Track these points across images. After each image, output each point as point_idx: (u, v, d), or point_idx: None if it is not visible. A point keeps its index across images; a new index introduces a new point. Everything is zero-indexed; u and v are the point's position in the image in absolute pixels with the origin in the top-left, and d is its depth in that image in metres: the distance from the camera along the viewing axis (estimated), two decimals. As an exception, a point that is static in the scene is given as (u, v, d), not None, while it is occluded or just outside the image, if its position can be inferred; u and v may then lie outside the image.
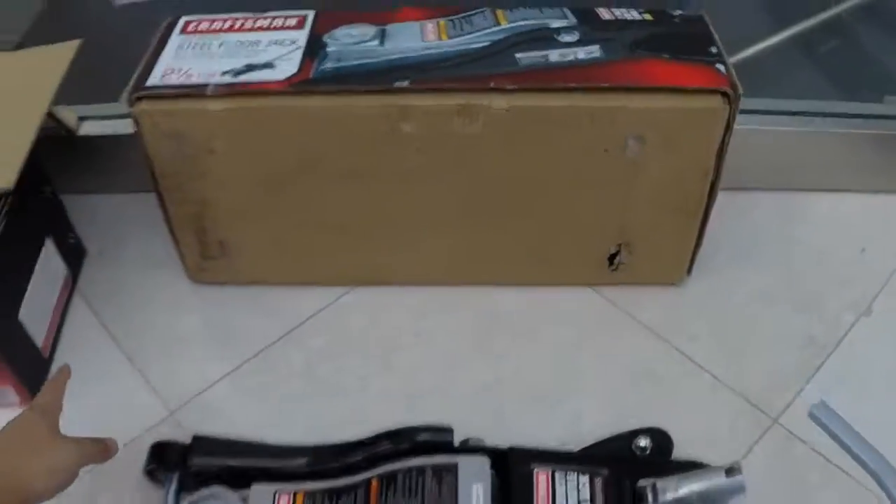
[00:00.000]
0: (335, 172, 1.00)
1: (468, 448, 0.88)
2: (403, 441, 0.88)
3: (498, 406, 1.02)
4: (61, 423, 0.82)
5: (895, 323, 1.11)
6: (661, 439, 0.94)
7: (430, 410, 0.98)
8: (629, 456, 0.92)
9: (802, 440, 1.00)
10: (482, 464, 0.85)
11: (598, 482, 0.86)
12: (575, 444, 0.96)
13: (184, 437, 0.93)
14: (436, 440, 0.88)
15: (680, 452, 0.95)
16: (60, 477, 0.77)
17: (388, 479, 0.86)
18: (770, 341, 1.09)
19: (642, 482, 0.85)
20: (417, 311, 1.11)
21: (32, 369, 1.04)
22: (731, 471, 0.82)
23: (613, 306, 1.11)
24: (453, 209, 1.04)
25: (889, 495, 0.81)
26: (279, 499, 0.88)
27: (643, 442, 0.92)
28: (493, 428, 0.95)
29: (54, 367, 1.07)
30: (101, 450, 0.83)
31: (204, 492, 0.88)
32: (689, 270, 1.11)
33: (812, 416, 0.90)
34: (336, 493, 0.88)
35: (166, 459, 0.94)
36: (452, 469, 0.85)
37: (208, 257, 1.10)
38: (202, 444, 0.93)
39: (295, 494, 0.89)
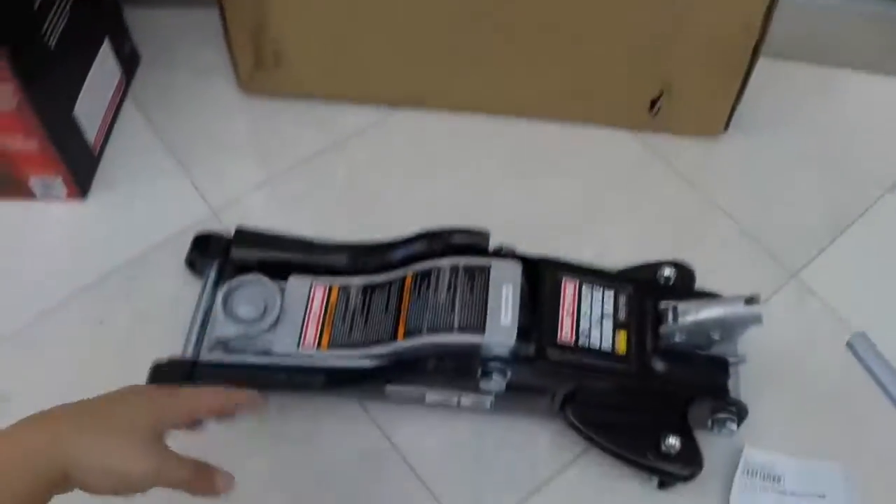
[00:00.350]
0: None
1: (501, 253, 0.90)
2: (440, 241, 0.91)
3: (527, 230, 1.03)
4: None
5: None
6: (685, 272, 0.97)
7: (463, 223, 1.01)
8: (654, 282, 0.95)
9: (818, 296, 1.03)
10: (514, 267, 0.88)
11: (623, 298, 0.90)
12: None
13: (226, 234, 0.96)
14: (471, 242, 0.90)
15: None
16: (116, 482, 0.62)
17: (422, 276, 0.89)
18: (798, 200, 1.12)
19: (664, 304, 0.88)
20: (459, 135, 1.13)
21: (82, 164, 1.08)
22: (750, 300, 0.85)
23: (650, 151, 1.13)
24: (503, 35, 1.06)
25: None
26: (314, 290, 0.93)
27: (668, 272, 0.95)
28: (523, 248, 0.98)
29: (103, 165, 1.10)
30: (201, 480, 0.66)
31: (244, 278, 0.91)
32: (727, 126, 1.13)
33: (850, 345, 0.93)
34: (371, 288, 0.92)
35: (209, 250, 0.97)
36: (485, 270, 0.88)
37: (262, 67, 1.12)
38: (244, 236, 0.95)
39: (330, 288, 0.93)
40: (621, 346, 0.87)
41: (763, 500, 0.92)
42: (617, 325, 0.88)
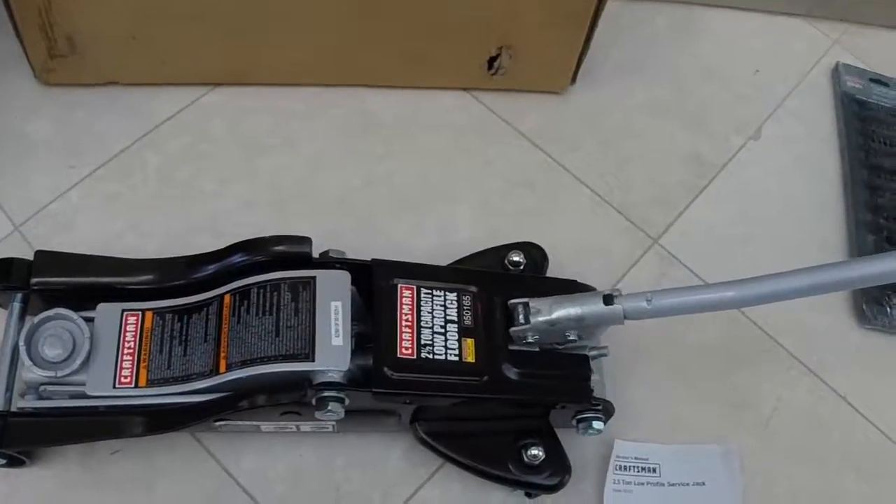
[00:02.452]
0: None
1: (328, 261, 0.76)
2: (257, 253, 0.77)
3: (367, 212, 0.92)
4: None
5: (783, 149, 1.03)
6: (536, 254, 0.84)
7: (295, 216, 0.90)
8: (501, 271, 0.82)
9: (683, 263, 0.92)
10: (343, 278, 0.76)
11: (467, 300, 0.77)
12: (447, 254, 0.87)
13: (30, 254, 0.80)
14: (292, 252, 0.76)
15: (558, 269, 0.87)
16: None
17: (242, 295, 0.76)
18: (655, 157, 1.00)
19: (514, 301, 0.75)
20: (284, 112, 0.98)
21: None
22: (608, 298, 0.72)
23: (492, 113, 0.99)
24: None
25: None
26: (126, 319, 0.78)
27: (516, 257, 0.83)
28: (361, 236, 0.88)
29: None
30: None
31: (45, 314, 0.76)
32: (574, 79, 1.00)
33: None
34: (187, 310, 0.78)
35: (10, 278, 0.80)
36: (310, 284, 0.75)
37: (56, 55, 0.94)
38: (46, 260, 0.80)
39: (143, 314, 0.78)
40: (469, 355, 0.75)
41: (640, 495, 0.82)
42: (463, 332, 0.75)
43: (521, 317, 0.75)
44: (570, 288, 0.79)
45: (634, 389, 0.85)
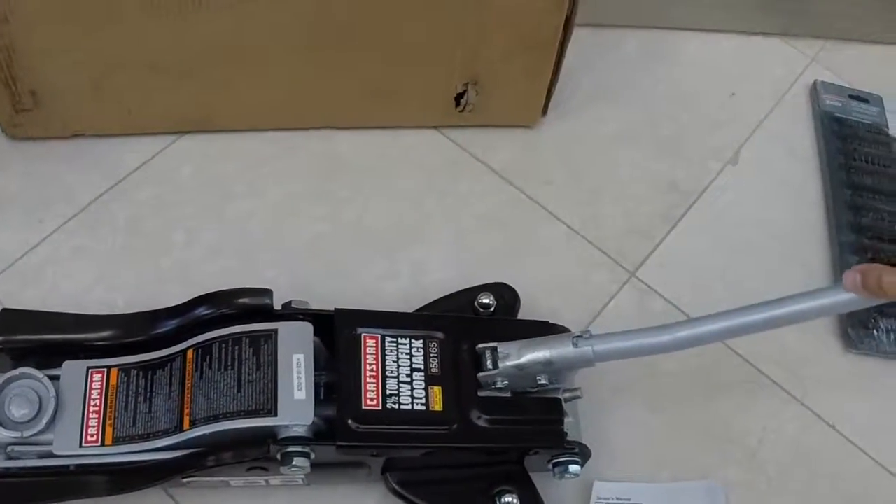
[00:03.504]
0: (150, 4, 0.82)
1: (290, 312, 0.73)
2: (218, 307, 0.75)
3: (337, 257, 0.90)
4: None
5: (762, 172, 1.00)
6: (507, 295, 0.81)
7: (264, 263, 0.88)
8: (471, 315, 0.79)
9: (661, 294, 0.89)
10: (304, 330, 0.73)
11: (434, 347, 0.75)
12: (419, 297, 0.85)
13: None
14: (253, 305, 0.74)
15: (533, 307, 0.84)
16: None
17: (204, 350, 0.74)
18: (630, 188, 0.97)
19: (481, 346, 0.73)
20: (251, 157, 0.96)
21: None
22: (578, 339, 0.70)
23: (462, 150, 0.97)
24: (284, 42, 0.88)
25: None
26: (92, 376, 0.76)
27: (486, 299, 0.80)
28: (332, 281, 0.86)
29: None
30: None
31: (9, 374, 0.74)
32: (545, 111, 0.97)
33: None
34: (152, 366, 0.76)
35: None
36: (271, 336, 0.73)
37: (21, 110, 0.92)
38: (11, 318, 0.78)
39: (109, 370, 0.76)
40: (436, 404, 0.72)
41: (621, 537, 0.78)
42: (429, 380, 0.73)
43: (489, 362, 0.73)
44: (541, 329, 0.77)
45: (613, 427, 0.83)
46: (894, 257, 0.92)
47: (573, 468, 0.75)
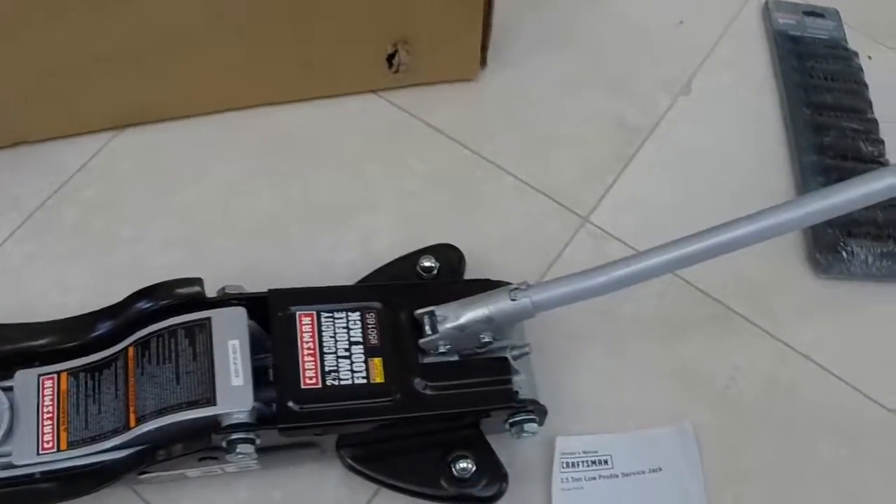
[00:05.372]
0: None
1: (225, 298, 0.71)
2: (149, 301, 0.73)
3: (285, 235, 0.87)
4: None
5: (716, 100, 0.95)
6: (450, 256, 0.79)
7: (213, 249, 0.86)
8: (415, 280, 0.77)
9: (616, 237, 0.86)
10: (238, 315, 0.71)
11: (371, 317, 0.72)
12: (368, 267, 0.83)
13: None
14: (184, 295, 0.72)
15: (487, 264, 0.81)
16: None
17: (143, 346, 0.72)
18: (578, 131, 0.94)
19: (419, 311, 0.70)
20: (194, 143, 0.93)
21: None
22: (515, 292, 0.67)
23: (403, 112, 0.94)
24: (211, 23, 0.85)
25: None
26: (44, 383, 0.75)
27: (427, 262, 0.78)
28: (281, 260, 0.84)
29: None
30: None
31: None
32: (484, 63, 0.93)
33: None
34: (98, 367, 0.74)
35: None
36: (205, 325, 0.71)
37: (-42, 118, 0.90)
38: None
39: (59, 375, 0.75)
40: (377, 375, 0.70)
41: (592, 491, 0.76)
42: (369, 352, 0.70)
43: (428, 327, 0.70)
44: (483, 288, 0.74)
45: (575, 378, 0.80)
46: None
47: (529, 427, 0.72)
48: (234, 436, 0.67)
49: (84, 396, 0.73)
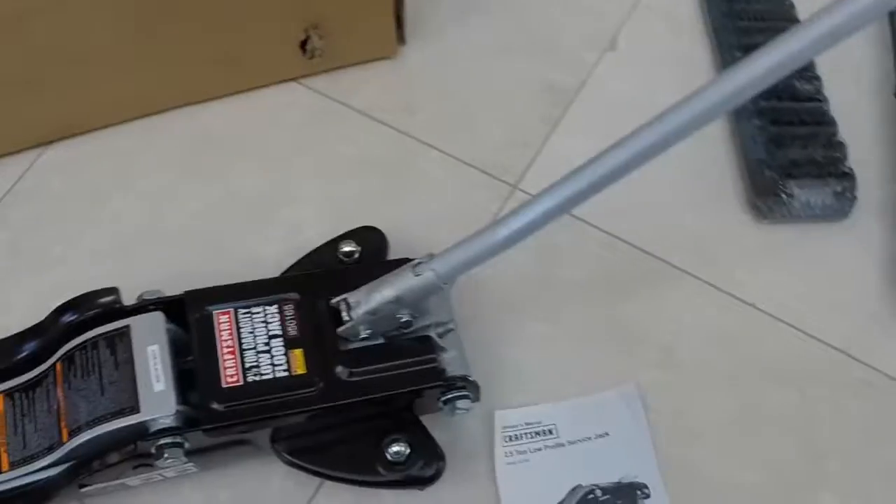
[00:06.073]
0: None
1: (143, 305, 0.72)
2: (70, 315, 0.74)
3: (215, 233, 0.88)
4: None
5: (645, 53, 0.95)
6: (372, 238, 0.79)
7: (143, 258, 0.86)
8: (333, 267, 0.77)
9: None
10: (155, 321, 0.72)
11: (289, 309, 0.72)
12: (298, 258, 0.82)
13: None
14: (102, 304, 0.72)
15: (418, 242, 0.81)
16: None
17: (69, 360, 0.73)
18: (503, 99, 0.93)
19: (334, 300, 0.70)
20: (118, 152, 0.93)
21: None
22: (417, 266, 0.67)
23: (324, 97, 0.94)
24: (117, 29, 0.85)
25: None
26: (-20, 405, 0.75)
27: (347, 247, 0.77)
28: (211, 261, 0.84)
29: None
30: None
31: None
32: (402, 39, 0.93)
33: None
34: (31, 385, 0.75)
35: None
36: (125, 334, 0.72)
37: None
38: None
39: (-3, 398, 0.75)
40: (299, 367, 0.70)
41: (538, 462, 0.76)
42: (289, 344, 0.70)
43: (344, 314, 0.70)
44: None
45: (513, 349, 0.80)
46: None
47: (462, 403, 0.72)
48: (161, 441, 0.68)
49: (21, 416, 0.74)
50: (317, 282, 0.74)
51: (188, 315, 0.72)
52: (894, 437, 0.77)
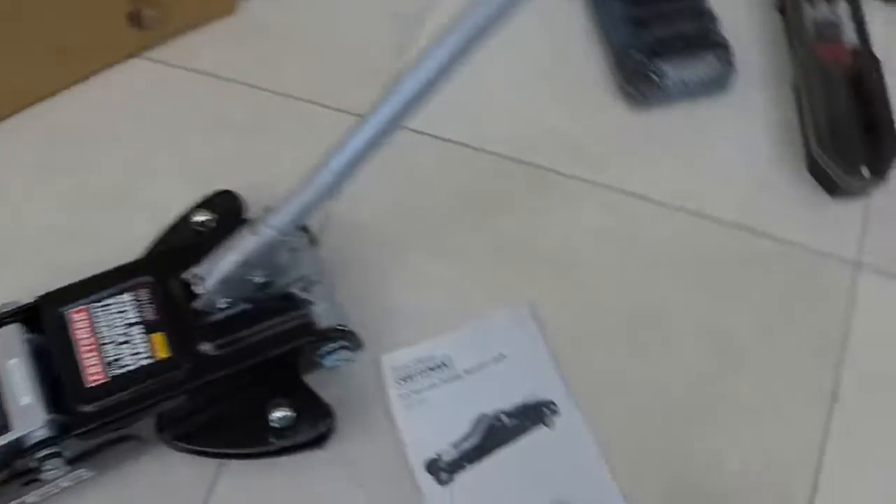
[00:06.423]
0: None
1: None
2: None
3: (80, 228, 0.85)
4: None
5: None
6: (227, 203, 0.76)
7: (12, 263, 0.83)
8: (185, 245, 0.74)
9: (410, 129, 0.82)
10: (13, 333, 0.70)
11: (144, 294, 0.70)
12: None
13: None
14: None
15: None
16: None
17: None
18: (350, 35, 0.92)
19: (184, 275, 0.68)
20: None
21: None
22: (253, 226, 0.66)
23: (168, 66, 0.91)
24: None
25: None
26: None
27: (200, 217, 0.75)
28: (81, 254, 0.79)
29: None
30: None
31: None
32: (238, -6, 0.89)
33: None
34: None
35: None
36: None
37: None
38: None
39: None
40: (161, 350, 0.68)
41: (437, 399, 0.74)
42: (148, 329, 0.68)
43: (196, 288, 0.68)
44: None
45: (396, 288, 0.78)
46: None
47: (342, 354, 0.71)
48: (38, 454, 0.66)
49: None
50: (170, 259, 0.71)
51: (43, 320, 0.69)
52: (808, 306, 0.75)
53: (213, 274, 0.67)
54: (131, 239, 0.81)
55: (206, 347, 0.68)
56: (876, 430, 0.72)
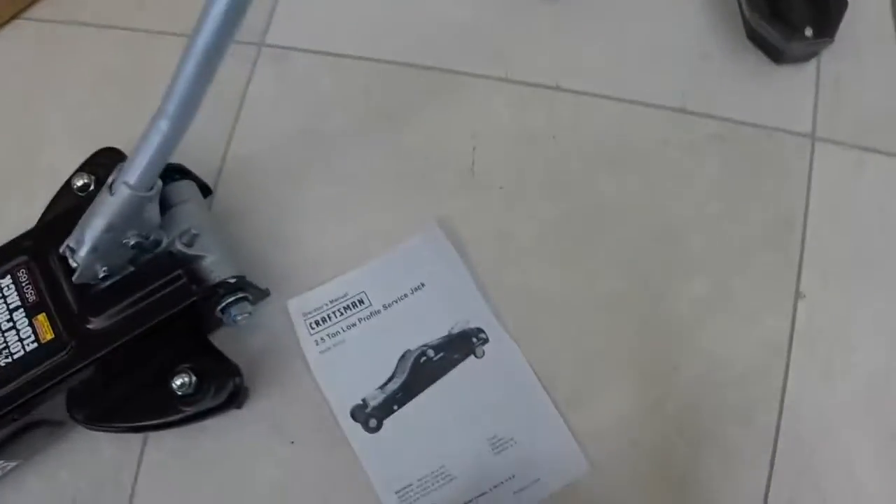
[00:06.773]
0: None
1: None
2: None
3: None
4: None
5: None
6: (109, 162, 0.71)
7: None
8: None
9: (300, 48, 0.77)
10: None
11: (23, 274, 0.67)
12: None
13: None
14: None
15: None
16: None
17: None
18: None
19: (62, 249, 0.64)
20: None
21: None
22: (110, 186, 0.62)
23: (51, 23, 0.86)
24: None
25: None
26: None
27: (80, 181, 0.71)
28: None
29: None
30: None
31: None
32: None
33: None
34: None
35: None
36: None
37: None
38: None
39: None
40: (46, 332, 0.65)
41: (355, 339, 0.71)
42: (31, 312, 0.65)
43: (71, 261, 0.64)
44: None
45: (302, 225, 0.73)
46: None
47: (241, 307, 0.67)
48: (-52, 459, 0.64)
49: None
50: (45, 236, 0.68)
51: (-78, 316, 0.67)
52: (744, 192, 0.68)
53: (83, 243, 0.63)
54: (32, 215, 0.77)
55: (94, 322, 0.65)
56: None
